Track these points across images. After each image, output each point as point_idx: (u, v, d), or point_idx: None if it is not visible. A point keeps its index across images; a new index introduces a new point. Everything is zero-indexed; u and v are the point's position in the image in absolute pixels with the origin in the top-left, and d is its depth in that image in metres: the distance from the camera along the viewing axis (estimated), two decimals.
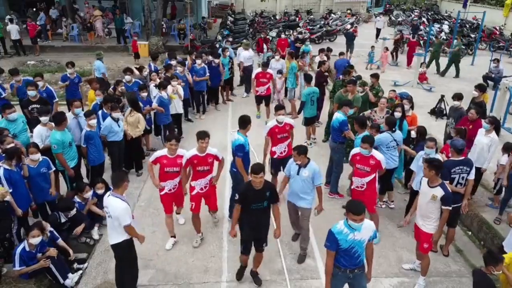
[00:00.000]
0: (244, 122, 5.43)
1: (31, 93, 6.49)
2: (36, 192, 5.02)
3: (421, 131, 5.94)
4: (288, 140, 6.11)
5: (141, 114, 6.81)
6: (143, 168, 7.19)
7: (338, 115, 6.30)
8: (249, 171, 4.28)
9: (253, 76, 9.38)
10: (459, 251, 5.43)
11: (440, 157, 5.18)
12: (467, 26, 22.39)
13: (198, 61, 9.25)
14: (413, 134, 5.99)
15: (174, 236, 5.43)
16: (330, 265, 3.70)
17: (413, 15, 26.91)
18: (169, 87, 7.81)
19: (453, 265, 5.12)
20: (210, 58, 9.73)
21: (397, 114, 6.20)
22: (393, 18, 27.14)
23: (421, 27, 21.61)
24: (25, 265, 4.42)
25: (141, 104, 7.12)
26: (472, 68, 15.57)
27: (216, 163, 5.21)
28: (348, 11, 27.24)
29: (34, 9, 18.68)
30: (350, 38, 16.75)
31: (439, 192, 4.35)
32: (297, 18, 24.89)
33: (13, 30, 15.68)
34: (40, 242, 4.54)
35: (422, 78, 13.32)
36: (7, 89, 8.19)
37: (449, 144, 5.26)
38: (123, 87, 7.67)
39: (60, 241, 4.87)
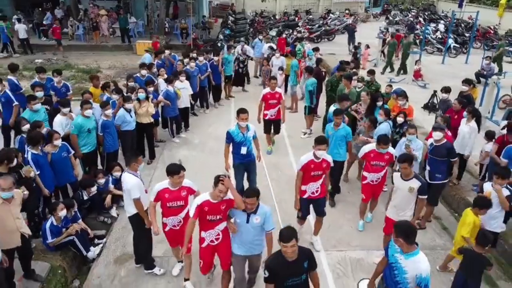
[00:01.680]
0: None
1: (39, 94, 6.89)
2: (59, 175, 5.51)
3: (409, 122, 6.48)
4: (322, 179, 5.15)
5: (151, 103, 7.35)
6: (155, 157, 7.72)
7: (333, 108, 6.82)
8: (278, 239, 3.30)
9: (260, 97, 7.92)
10: (445, 228, 5.95)
11: (424, 144, 5.72)
12: (462, 25, 22.92)
13: (200, 58, 9.77)
14: (400, 120, 6.50)
15: (182, 261, 4.95)
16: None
17: (410, 15, 27.46)
18: (177, 82, 8.32)
19: (439, 240, 5.64)
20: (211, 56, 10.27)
21: (400, 120, 6.62)
22: (390, 18, 27.64)
23: (417, 26, 22.17)
24: (55, 238, 4.93)
25: (151, 96, 7.62)
26: (466, 66, 16.07)
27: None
28: (347, 11, 27.76)
29: (40, 9, 19.08)
30: (351, 32, 18.03)
31: (415, 183, 4.59)
32: (297, 18, 25.42)
33: (21, 29, 16.17)
34: (65, 217, 5.06)
35: (417, 75, 13.83)
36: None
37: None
38: (131, 82, 8.17)
39: (81, 222, 5.38)
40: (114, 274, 4.93)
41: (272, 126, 8.04)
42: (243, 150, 5.89)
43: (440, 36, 19.45)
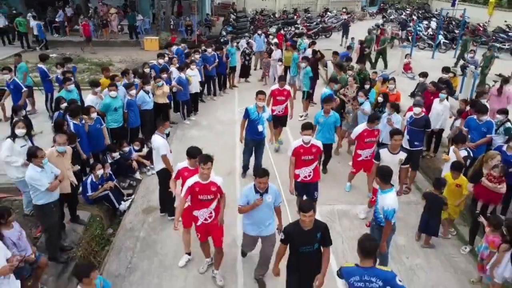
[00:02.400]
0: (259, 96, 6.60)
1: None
2: (93, 142, 6.53)
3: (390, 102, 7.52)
4: (314, 164, 5.59)
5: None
6: (170, 135, 8.78)
7: (325, 90, 7.88)
8: (297, 209, 3.93)
9: (268, 93, 7.60)
10: (419, 189, 7.01)
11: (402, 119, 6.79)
12: (453, 23, 23.95)
13: (209, 50, 10.83)
14: (380, 99, 7.55)
15: (190, 254, 5.17)
16: None
17: (404, 13, 28.51)
18: (188, 70, 9.37)
19: (413, 197, 6.70)
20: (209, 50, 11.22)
21: (380, 99, 7.65)
22: (386, 17, 28.68)
23: (410, 24, 23.21)
24: (93, 192, 5.98)
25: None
26: (454, 60, 17.11)
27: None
28: (344, 10, 28.80)
29: (52, 7, 20.10)
30: (345, 27, 19.41)
31: (403, 155, 5.31)
32: (295, 16, 26.45)
33: (35, 26, 17.19)
34: (101, 176, 6.10)
35: (406, 68, 14.88)
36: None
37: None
38: (147, 69, 9.21)
39: (114, 182, 6.42)
40: (143, 221, 5.99)
41: (279, 121, 8.11)
42: (260, 128, 6.63)
43: (432, 33, 20.48)
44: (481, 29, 22.40)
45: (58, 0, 21.81)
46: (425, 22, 23.84)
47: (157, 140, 5.54)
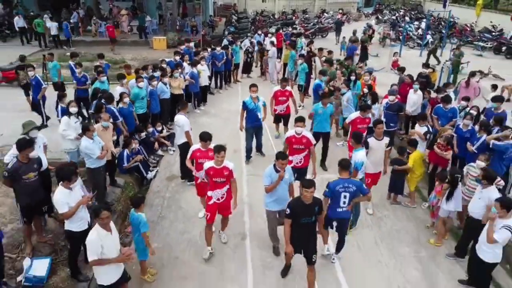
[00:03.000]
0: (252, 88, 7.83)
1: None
2: (128, 122, 7.89)
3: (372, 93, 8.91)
4: (305, 152, 6.31)
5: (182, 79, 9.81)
6: None
7: (316, 81, 9.27)
8: (300, 185, 4.49)
9: (271, 94, 8.63)
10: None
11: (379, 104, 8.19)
12: (442, 23, 25.36)
13: (218, 48, 12.22)
14: (365, 90, 8.94)
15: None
16: None
17: (397, 14, 29.92)
18: (199, 66, 10.76)
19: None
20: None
21: (365, 90, 9.05)
22: (380, 17, 30.06)
23: (402, 24, 24.60)
24: (127, 163, 7.37)
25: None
26: (440, 57, 18.49)
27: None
28: (340, 11, 30.23)
29: (66, 9, 21.47)
30: (339, 26, 21.15)
31: (386, 140, 6.30)
32: (294, 17, 27.87)
33: (53, 27, 18.56)
34: (132, 150, 7.49)
35: (395, 65, 16.25)
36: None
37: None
38: (164, 64, 10.59)
39: (142, 156, 7.81)
40: (167, 185, 7.39)
41: (282, 120, 8.88)
42: (259, 115, 7.81)
43: (421, 33, 21.88)
44: (468, 29, 23.83)
45: (69, 1, 23.23)
46: (416, 22, 25.27)
47: (181, 118, 6.93)
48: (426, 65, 10.89)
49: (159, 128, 8.69)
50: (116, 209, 6.53)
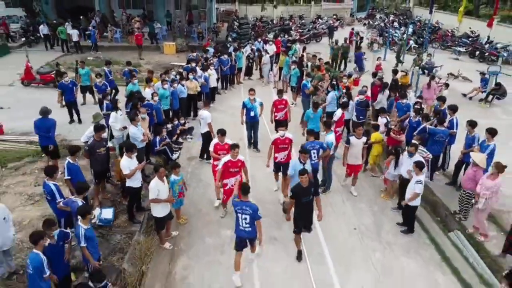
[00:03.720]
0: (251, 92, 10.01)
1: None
2: (158, 116, 10.09)
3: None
4: (287, 150, 7.83)
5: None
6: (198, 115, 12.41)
7: (303, 81, 11.53)
8: (298, 174, 6.05)
9: (271, 103, 10.15)
10: None
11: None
12: (426, 29, 27.57)
13: (225, 56, 14.48)
14: (344, 91, 11.22)
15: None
16: None
17: (387, 20, 32.17)
18: (209, 70, 13.04)
19: None
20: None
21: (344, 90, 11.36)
22: (371, 22, 32.29)
23: (391, 30, 26.83)
24: (158, 147, 9.64)
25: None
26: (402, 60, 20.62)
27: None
28: (334, 16, 32.51)
29: (84, 17, 23.74)
30: (331, 30, 23.85)
31: (364, 138, 8.15)
32: (291, 23, 30.13)
33: (74, 33, 20.81)
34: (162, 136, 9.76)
35: (378, 68, 18.47)
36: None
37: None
38: (180, 69, 12.86)
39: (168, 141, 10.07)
40: (188, 164, 9.68)
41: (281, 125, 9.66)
42: (252, 113, 9.96)
43: (406, 38, 24.12)
44: (449, 34, 26.12)
45: (85, 10, 25.49)
46: (403, 28, 27.53)
47: (204, 113, 9.19)
48: (394, 71, 13.18)
49: (182, 121, 10.92)
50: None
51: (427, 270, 6.46)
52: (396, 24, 30.26)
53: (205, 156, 9.73)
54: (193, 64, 13.12)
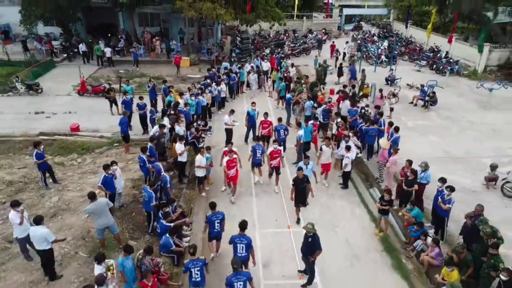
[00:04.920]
0: (252, 104, 15.16)
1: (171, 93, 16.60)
2: (187, 118, 15.00)
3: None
4: (279, 158, 11.62)
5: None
6: (212, 118, 17.39)
7: (287, 95, 16.50)
8: (296, 169, 10.24)
9: (258, 123, 14.13)
10: None
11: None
12: (398, 44, 32.52)
13: (232, 74, 19.41)
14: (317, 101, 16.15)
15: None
16: None
17: (368, 34, 37.05)
18: (221, 84, 17.97)
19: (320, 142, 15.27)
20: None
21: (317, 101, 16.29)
22: (355, 36, 37.12)
23: (369, 45, 31.69)
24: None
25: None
26: (388, 72, 25.53)
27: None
28: (323, 30, 37.40)
29: (114, 36, 28.66)
30: (320, 43, 28.90)
31: (330, 148, 13.51)
32: (285, 37, 35.01)
33: (107, 51, 25.74)
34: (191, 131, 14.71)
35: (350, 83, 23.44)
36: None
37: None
38: (198, 84, 17.76)
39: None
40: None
41: (265, 139, 13.54)
42: (255, 118, 15.01)
43: (380, 52, 29.03)
44: (418, 49, 31.05)
45: (108, 25, 30.39)
46: (381, 42, 32.42)
47: (224, 117, 14.13)
48: (342, 91, 18.12)
49: (203, 123, 15.83)
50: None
51: (351, 207, 11.34)
52: (375, 38, 35.18)
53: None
54: (209, 81, 18.05)
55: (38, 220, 7.78)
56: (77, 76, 21.91)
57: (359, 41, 32.63)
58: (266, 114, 14.05)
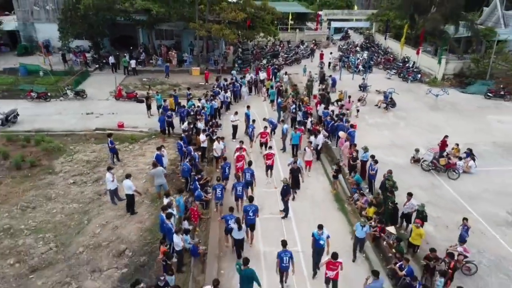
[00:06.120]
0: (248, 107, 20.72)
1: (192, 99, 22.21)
2: (205, 118, 20.59)
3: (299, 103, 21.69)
4: (273, 158, 15.96)
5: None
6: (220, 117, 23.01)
7: (279, 100, 22.15)
8: (292, 162, 15.19)
9: (257, 133, 18.26)
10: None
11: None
12: (376, 55, 38.14)
13: (237, 84, 25.05)
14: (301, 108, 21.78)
15: None
16: None
17: (352, 45, 42.67)
18: (228, 92, 23.58)
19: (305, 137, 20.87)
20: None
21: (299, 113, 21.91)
22: (340, 46, 42.68)
23: (350, 55, 37.24)
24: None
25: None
26: (361, 80, 31.10)
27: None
28: (313, 41, 43.01)
29: (137, 49, 34.25)
30: (312, 52, 34.58)
31: (311, 151, 19.24)
32: (280, 48, 40.60)
33: (132, 62, 31.33)
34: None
35: (331, 90, 29.04)
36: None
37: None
38: (210, 92, 23.37)
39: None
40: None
41: (264, 145, 17.89)
42: (250, 116, 20.62)
43: (359, 62, 34.60)
44: (391, 59, 36.65)
45: (128, 37, 35.96)
46: (361, 53, 37.99)
47: (230, 116, 19.74)
48: (327, 92, 23.73)
49: (216, 121, 21.43)
50: None
51: (317, 176, 16.91)
52: (358, 48, 40.81)
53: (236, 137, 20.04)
54: (218, 89, 23.67)
55: (128, 176, 13.39)
56: (109, 84, 27.58)
57: (340, 53, 38.25)
58: (265, 127, 18.79)
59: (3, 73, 30.25)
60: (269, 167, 16.10)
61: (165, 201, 12.55)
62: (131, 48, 34.52)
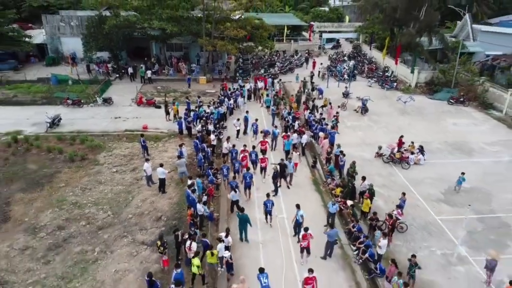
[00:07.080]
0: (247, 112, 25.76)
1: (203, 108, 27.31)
2: (214, 122, 25.63)
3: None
4: (267, 161, 20.53)
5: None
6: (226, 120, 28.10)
7: (272, 107, 27.26)
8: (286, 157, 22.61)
9: (258, 142, 22.48)
10: None
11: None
12: (365, 61, 43.18)
13: (238, 93, 30.12)
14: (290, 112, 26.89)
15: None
16: None
17: (340, 54, 47.75)
18: (231, 99, 28.67)
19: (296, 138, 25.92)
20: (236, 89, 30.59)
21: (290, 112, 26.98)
22: (330, 55, 47.69)
23: (338, 65, 42.24)
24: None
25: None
26: (344, 88, 36.10)
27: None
28: (306, 51, 48.09)
29: (150, 61, 39.31)
30: (306, 59, 39.78)
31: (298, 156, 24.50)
32: (276, 57, 45.67)
33: (149, 72, 36.36)
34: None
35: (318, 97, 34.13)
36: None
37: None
38: (217, 99, 28.43)
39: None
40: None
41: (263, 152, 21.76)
42: (249, 119, 25.71)
43: (343, 71, 39.58)
44: (374, 68, 41.72)
45: (141, 48, 41.01)
46: (348, 62, 43.03)
47: (233, 121, 24.80)
48: (313, 100, 28.81)
49: (222, 123, 26.50)
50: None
51: (302, 168, 21.93)
52: (346, 57, 45.89)
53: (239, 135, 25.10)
54: (223, 97, 28.76)
55: (161, 165, 18.49)
56: (129, 91, 32.70)
57: (330, 62, 43.35)
58: (265, 135, 23.94)
59: (37, 82, 35.30)
60: (263, 169, 20.75)
61: (189, 182, 17.56)
62: (145, 59, 39.55)
